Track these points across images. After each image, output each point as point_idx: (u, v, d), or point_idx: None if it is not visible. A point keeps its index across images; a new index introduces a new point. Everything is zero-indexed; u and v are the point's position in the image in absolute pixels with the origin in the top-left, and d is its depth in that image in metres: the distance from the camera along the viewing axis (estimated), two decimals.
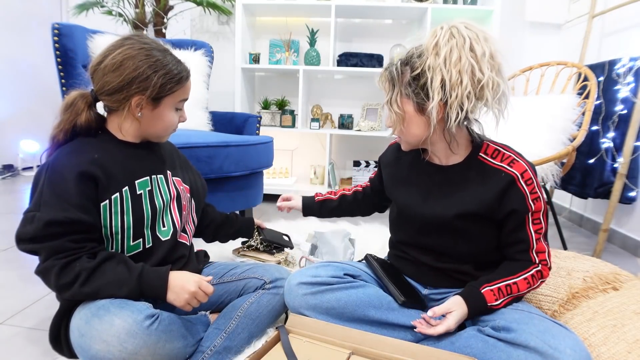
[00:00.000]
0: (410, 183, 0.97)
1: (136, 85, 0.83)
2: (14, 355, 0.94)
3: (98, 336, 0.72)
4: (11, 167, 3.06)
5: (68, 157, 0.82)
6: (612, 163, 1.82)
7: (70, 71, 1.68)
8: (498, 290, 0.84)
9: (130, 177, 0.86)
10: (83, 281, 0.76)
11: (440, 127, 0.85)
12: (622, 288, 0.99)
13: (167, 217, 0.93)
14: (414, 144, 0.91)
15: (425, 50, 0.80)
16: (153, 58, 0.85)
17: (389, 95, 0.86)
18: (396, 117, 0.85)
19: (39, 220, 0.76)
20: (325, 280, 0.92)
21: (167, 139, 1.00)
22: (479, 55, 0.77)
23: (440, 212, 0.90)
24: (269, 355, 0.78)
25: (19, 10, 3.12)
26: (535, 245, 0.87)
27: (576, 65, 1.77)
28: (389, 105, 0.86)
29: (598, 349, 0.81)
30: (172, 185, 0.95)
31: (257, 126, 2.07)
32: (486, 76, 0.77)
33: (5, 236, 1.74)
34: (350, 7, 2.52)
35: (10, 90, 3.10)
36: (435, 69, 0.78)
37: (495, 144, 0.90)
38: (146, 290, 0.80)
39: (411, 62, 0.82)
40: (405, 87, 0.83)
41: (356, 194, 1.20)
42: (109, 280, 0.77)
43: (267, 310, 0.96)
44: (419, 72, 0.80)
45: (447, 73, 0.77)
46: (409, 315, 0.90)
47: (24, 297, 1.21)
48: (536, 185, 0.85)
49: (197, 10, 2.95)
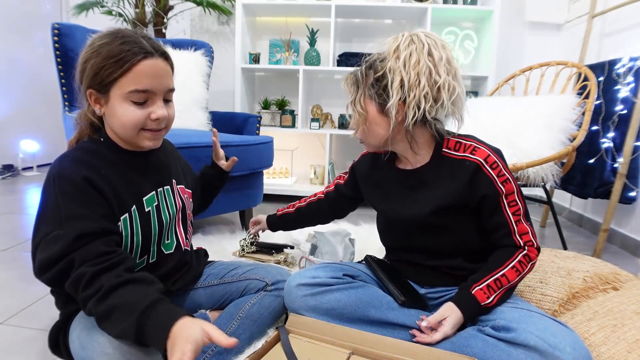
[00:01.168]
0: (386, 190, 1.00)
1: (84, 76, 0.75)
2: (14, 355, 0.94)
3: (100, 349, 0.68)
4: (11, 167, 3.06)
5: (75, 166, 0.74)
6: (612, 163, 1.82)
7: (70, 71, 1.67)
8: (488, 288, 0.85)
9: (137, 194, 0.82)
10: (101, 296, 0.65)
11: (401, 128, 0.88)
12: (622, 288, 0.99)
13: (172, 230, 0.90)
14: (377, 145, 0.93)
15: (387, 54, 0.86)
16: (98, 43, 0.74)
17: (352, 96, 0.90)
18: (359, 117, 0.89)
19: (67, 236, 0.68)
20: (324, 282, 0.92)
21: (162, 140, 0.87)
22: (436, 59, 0.82)
23: (417, 212, 0.92)
24: (269, 355, 0.78)
25: (19, 10, 3.12)
26: (516, 228, 0.88)
27: (576, 65, 1.77)
28: (353, 106, 0.90)
29: (598, 349, 0.81)
30: (177, 197, 0.92)
31: (257, 126, 2.07)
32: (442, 78, 0.82)
33: (5, 236, 1.74)
34: (350, 7, 2.52)
35: (10, 90, 3.10)
36: (395, 71, 0.83)
37: (456, 137, 0.92)
38: (148, 330, 0.64)
39: (374, 65, 0.87)
40: (369, 88, 0.87)
41: (310, 205, 1.25)
42: (122, 302, 0.65)
43: (268, 312, 0.96)
44: (381, 74, 0.85)
45: (407, 74, 0.82)
46: (408, 314, 0.90)
47: (24, 297, 1.21)
48: (502, 168, 0.86)
49: (197, 10, 2.95)
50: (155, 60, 0.76)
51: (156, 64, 0.76)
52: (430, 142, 0.92)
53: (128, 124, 0.76)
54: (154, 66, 0.75)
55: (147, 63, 0.74)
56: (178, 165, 0.99)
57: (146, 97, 0.76)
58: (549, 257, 1.19)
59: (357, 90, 0.89)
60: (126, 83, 0.74)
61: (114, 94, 0.74)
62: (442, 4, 2.61)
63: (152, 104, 0.77)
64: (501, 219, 0.88)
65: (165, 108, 0.79)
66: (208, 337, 0.61)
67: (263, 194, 1.93)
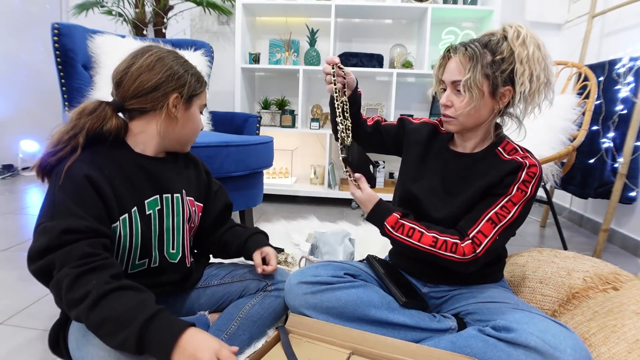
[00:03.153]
0: (426, 173, 0.99)
1: (174, 82, 0.84)
2: (14, 355, 0.94)
3: (94, 351, 0.69)
4: (11, 167, 3.06)
5: (79, 164, 0.76)
6: (612, 163, 1.82)
7: (70, 71, 1.68)
8: (401, 224, 0.90)
9: (139, 196, 0.83)
10: (91, 304, 0.65)
11: (497, 114, 0.91)
12: (622, 288, 0.99)
13: (178, 240, 0.91)
14: (469, 127, 0.92)
15: (510, 41, 0.85)
16: (182, 59, 0.88)
17: (470, 73, 0.85)
18: (473, 95, 0.86)
19: (53, 229, 0.69)
20: (325, 280, 0.92)
21: (189, 150, 0.97)
22: (548, 60, 0.86)
23: (445, 215, 0.92)
24: (269, 355, 0.78)
25: (18, 10, 3.12)
26: (480, 226, 0.86)
27: (576, 65, 1.77)
28: (470, 82, 0.85)
29: (598, 349, 0.81)
30: (186, 206, 0.92)
31: (257, 126, 2.07)
32: (552, 78, 0.87)
33: (5, 236, 1.74)
34: (350, 7, 2.52)
35: (10, 90, 3.10)
36: (523, 59, 0.83)
37: (515, 144, 0.93)
38: (151, 340, 0.65)
39: (490, 45, 0.86)
40: (486, 67, 0.85)
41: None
42: (118, 312, 0.65)
43: (268, 313, 0.96)
44: (502, 58, 0.85)
45: (534, 66, 0.84)
46: (409, 314, 0.90)
47: (24, 297, 1.21)
48: (532, 183, 0.86)
49: (197, 10, 2.95)
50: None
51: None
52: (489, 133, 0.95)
53: (196, 129, 0.92)
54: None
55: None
56: (194, 178, 0.98)
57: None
58: (549, 257, 1.19)
59: (475, 66, 0.85)
60: (202, 98, 0.92)
61: (196, 103, 0.90)
62: (442, 4, 2.60)
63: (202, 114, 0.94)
64: (481, 210, 0.88)
65: None
66: (217, 350, 0.64)
67: (263, 194, 1.93)
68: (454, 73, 0.88)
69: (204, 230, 1.03)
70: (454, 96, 0.89)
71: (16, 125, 3.13)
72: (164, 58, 0.85)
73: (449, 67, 0.90)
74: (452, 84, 0.89)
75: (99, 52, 1.72)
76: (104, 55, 1.72)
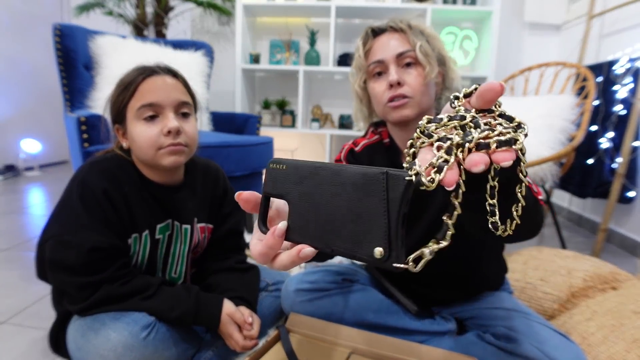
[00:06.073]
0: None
1: (110, 114, 0.81)
2: (15, 354, 0.95)
3: (94, 351, 0.70)
4: (12, 168, 3.07)
5: (100, 177, 0.76)
6: (610, 163, 1.82)
7: (72, 72, 1.68)
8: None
9: (151, 221, 0.83)
10: (156, 290, 0.78)
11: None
12: (621, 288, 1.00)
13: (182, 265, 0.91)
14: (426, 108, 0.79)
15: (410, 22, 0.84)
16: (118, 82, 0.80)
17: (420, 41, 0.77)
18: (430, 65, 0.76)
19: (80, 247, 0.72)
20: (322, 287, 0.90)
21: (185, 159, 0.82)
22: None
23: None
24: (269, 355, 0.79)
25: (20, 10, 3.12)
26: None
27: (575, 66, 1.78)
28: (424, 50, 0.76)
29: (597, 349, 0.82)
30: (196, 234, 0.91)
31: (257, 126, 2.07)
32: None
33: (6, 236, 1.74)
34: (350, 8, 2.53)
35: (12, 91, 3.11)
36: (435, 39, 0.82)
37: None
38: (202, 313, 0.80)
39: (412, 25, 0.84)
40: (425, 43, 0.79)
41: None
42: (162, 299, 0.77)
43: (268, 312, 0.96)
44: (427, 38, 0.82)
45: (442, 45, 0.82)
46: (408, 318, 0.89)
47: (25, 297, 1.21)
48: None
49: (197, 11, 2.96)
50: (160, 77, 0.77)
51: (161, 79, 0.77)
52: None
53: (145, 143, 0.76)
54: (158, 81, 0.77)
55: (151, 80, 0.76)
56: (208, 198, 0.93)
57: (155, 111, 0.76)
58: (549, 255, 1.20)
59: (418, 34, 0.77)
60: (134, 103, 0.76)
61: (128, 117, 0.77)
62: (441, 5, 2.61)
63: (164, 118, 0.76)
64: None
65: (182, 122, 0.78)
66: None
67: None
68: (397, 46, 0.77)
69: (206, 250, 0.97)
70: (404, 73, 0.77)
71: (18, 126, 3.13)
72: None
73: (384, 44, 0.79)
74: (396, 58, 0.77)
75: (100, 52, 1.73)
76: (105, 55, 1.72)
